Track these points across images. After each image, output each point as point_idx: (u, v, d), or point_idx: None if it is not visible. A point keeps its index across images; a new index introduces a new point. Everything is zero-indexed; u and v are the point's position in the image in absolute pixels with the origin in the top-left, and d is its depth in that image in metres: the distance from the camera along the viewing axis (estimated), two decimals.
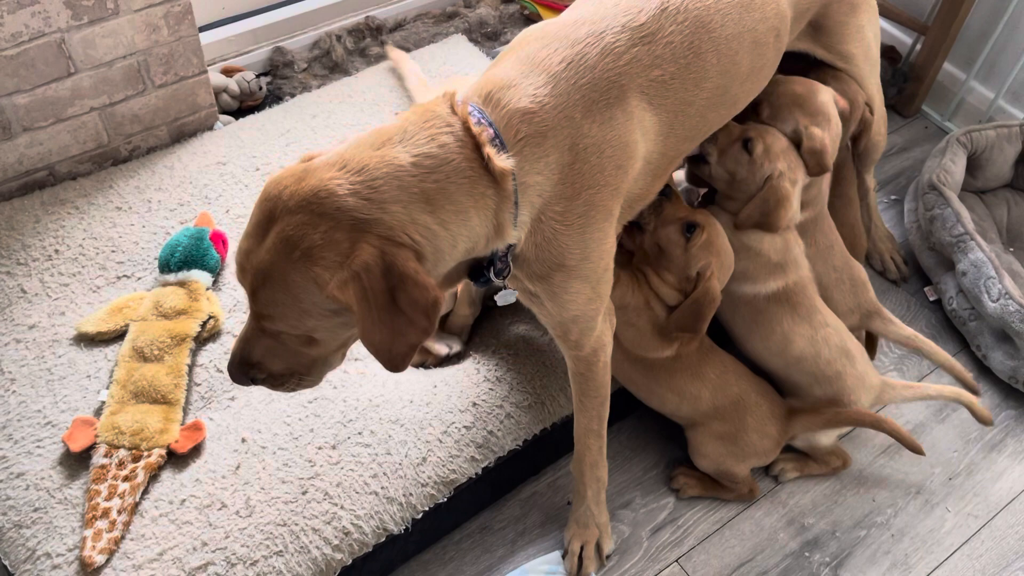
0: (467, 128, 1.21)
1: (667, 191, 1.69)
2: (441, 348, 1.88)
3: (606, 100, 1.31)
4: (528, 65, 1.30)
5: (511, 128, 1.24)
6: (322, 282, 1.13)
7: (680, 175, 1.94)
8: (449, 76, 2.43)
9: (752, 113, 1.77)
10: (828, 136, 1.75)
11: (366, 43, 2.62)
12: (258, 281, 1.17)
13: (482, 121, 1.22)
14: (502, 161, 1.21)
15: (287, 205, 1.14)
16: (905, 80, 2.70)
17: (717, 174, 1.77)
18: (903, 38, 2.76)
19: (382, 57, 2.57)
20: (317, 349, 1.27)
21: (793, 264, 1.78)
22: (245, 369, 1.28)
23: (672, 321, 1.71)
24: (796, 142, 1.75)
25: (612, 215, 1.39)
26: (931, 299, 2.29)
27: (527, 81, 1.28)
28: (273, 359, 1.28)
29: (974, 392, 1.90)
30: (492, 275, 1.35)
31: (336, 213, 1.13)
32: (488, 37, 2.72)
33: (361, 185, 1.14)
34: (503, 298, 1.69)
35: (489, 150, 1.20)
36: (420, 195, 1.17)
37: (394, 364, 1.19)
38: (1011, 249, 2.33)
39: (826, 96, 1.78)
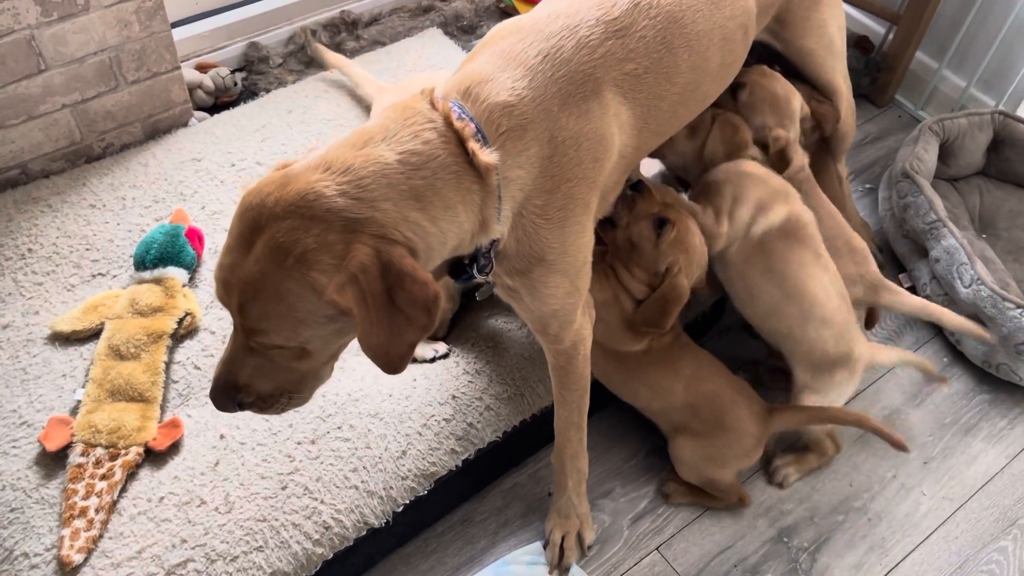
0: (449, 123, 1.20)
1: (639, 187, 1.70)
2: (427, 352, 1.87)
3: (582, 93, 1.31)
4: (504, 59, 1.29)
5: (492, 122, 1.24)
6: (320, 287, 1.09)
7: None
8: (399, 77, 2.41)
9: (729, 95, 1.84)
10: (791, 135, 1.88)
11: (341, 37, 2.61)
12: (247, 295, 1.12)
13: (463, 116, 1.21)
14: (487, 156, 1.20)
15: (273, 212, 1.10)
16: (878, 69, 2.72)
17: (684, 148, 1.87)
18: (876, 28, 2.78)
19: (358, 52, 2.56)
20: (309, 362, 1.23)
21: (794, 194, 1.82)
22: (231, 394, 1.23)
23: (638, 315, 1.71)
24: (760, 139, 1.87)
25: (590, 208, 1.39)
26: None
27: (505, 75, 1.27)
28: (261, 379, 1.22)
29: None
30: (475, 271, 1.34)
31: (327, 215, 1.09)
32: (464, 31, 2.71)
33: (349, 185, 1.11)
34: (483, 293, 1.69)
35: (473, 145, 1.19)
36: (409, 192, 1.15)
37: (392, 366, 1.16)
38: (983, 235, 2.36)
39: (797, 103, 1.91)
